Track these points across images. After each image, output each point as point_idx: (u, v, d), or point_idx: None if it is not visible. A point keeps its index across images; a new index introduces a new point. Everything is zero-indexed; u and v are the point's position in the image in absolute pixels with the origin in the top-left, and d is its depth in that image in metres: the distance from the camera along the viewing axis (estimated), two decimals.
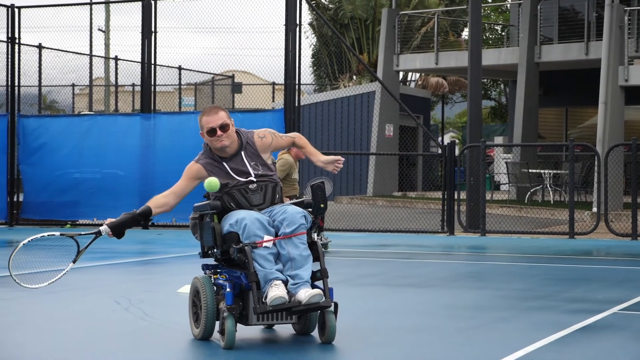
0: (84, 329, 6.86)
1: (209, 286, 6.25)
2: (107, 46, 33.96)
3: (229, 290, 6.11)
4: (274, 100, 32.22)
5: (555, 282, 9.93)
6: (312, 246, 6.26)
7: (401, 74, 32.15)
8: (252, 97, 33.75)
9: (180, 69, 29.71)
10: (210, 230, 6.27)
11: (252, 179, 6.41)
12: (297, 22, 16.49)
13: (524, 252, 13.64)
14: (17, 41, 18.22)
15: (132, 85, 30.80)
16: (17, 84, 18.28)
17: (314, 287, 6.10)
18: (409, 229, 17.20)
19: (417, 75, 37.44)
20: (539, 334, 6.61)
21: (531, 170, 22.97)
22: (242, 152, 6.50)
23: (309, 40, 38.62)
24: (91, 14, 24.31)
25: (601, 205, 16.57)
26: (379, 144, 26.57)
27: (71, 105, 30.13)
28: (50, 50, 23.00)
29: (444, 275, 10.73)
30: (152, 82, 17.88)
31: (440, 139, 35.60)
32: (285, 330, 6.67)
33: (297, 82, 16.56)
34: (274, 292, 5.95)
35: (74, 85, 29.68)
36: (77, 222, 17.83)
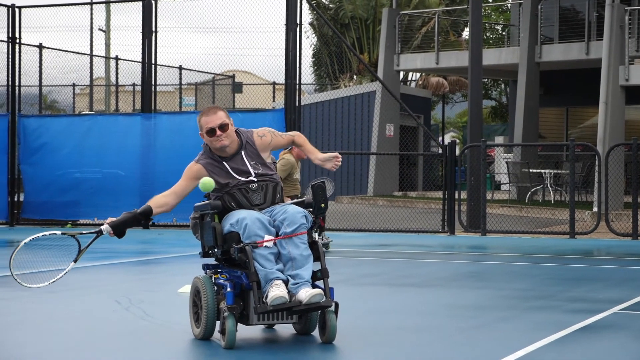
0: (84, 329, 6.86)
1: (209, 286, 6.25)
2: (107, 46, 33.94)
3: (229, 290, 6.10)
4: (274, 100, 32.21)
5: (555, 282, 9.93)
6: (313, 246, 6.26)
7: (402, 74, 32.15)
8: (252, 96, 33.73)
9: (180, 68, 29.70)
10: (210, 230, 6.27)
11: (252, 178, 6.41)
12: (298, 22, 16.49)
13: (525, 252, 13.63)
14: (17, 41, 18.23)
15: (133, 85, 30.79)
16: (17, 83, 18.29)
17: (314, 286, 6.10)
18: (410, 228, 17.19)
19: (418, 75, 37.43)
20: (540, 333, 6.61)
21: (532, 170, 22.95)
22: (242, 152, 6.50)
23: (309, 40, 38.64)
24: (92, 14, 24.29)
25: (602, 205, 16.56)
26: (379, 144, 26.56)
27: (72, 105, 30.13)
28: (50, 50, 22.99)
29: (445, 275, 10.73)
30: (153, 82, 17.88)
31: (440, 138, 35.56)
32: (285, 330, 6.67)
33: (297, 82, 16.56)
34: (274, 292, 5.95)
35: (74, 85, 29.70)
36: (78, 222, 17.83)
